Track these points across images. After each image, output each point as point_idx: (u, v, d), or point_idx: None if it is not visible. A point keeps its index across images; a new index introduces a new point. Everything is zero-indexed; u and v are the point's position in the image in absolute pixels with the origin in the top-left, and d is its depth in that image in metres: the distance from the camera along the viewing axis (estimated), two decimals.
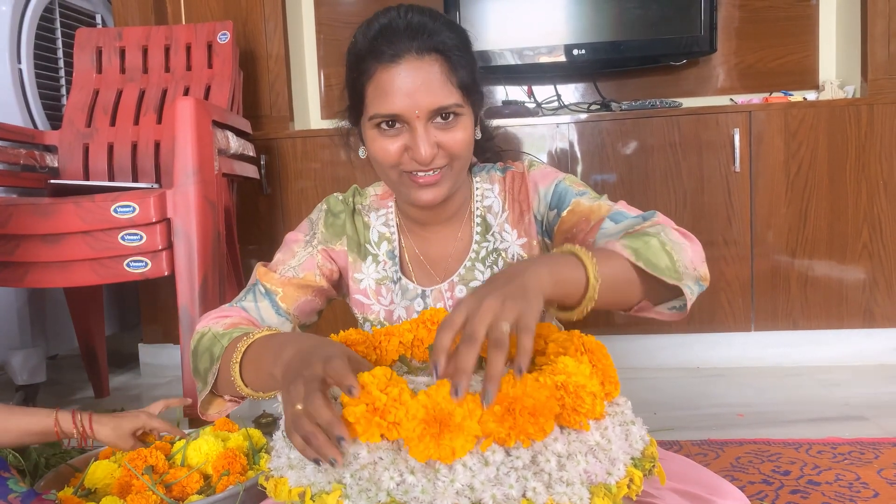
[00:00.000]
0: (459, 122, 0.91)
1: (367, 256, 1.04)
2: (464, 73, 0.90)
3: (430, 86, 0.87)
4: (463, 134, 0.91)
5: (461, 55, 0.90)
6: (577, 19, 2.41)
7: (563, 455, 0.67)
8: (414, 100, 0.88)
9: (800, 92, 2.45)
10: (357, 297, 1.04)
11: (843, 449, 1.54)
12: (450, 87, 0.89)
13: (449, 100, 0.89)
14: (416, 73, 0.88)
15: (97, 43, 2.29)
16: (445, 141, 0.90)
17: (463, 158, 0.93)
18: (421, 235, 1.03)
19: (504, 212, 1.01)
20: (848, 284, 2.23)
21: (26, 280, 1.66)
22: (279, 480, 0.73)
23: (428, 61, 0.88)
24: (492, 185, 1.03)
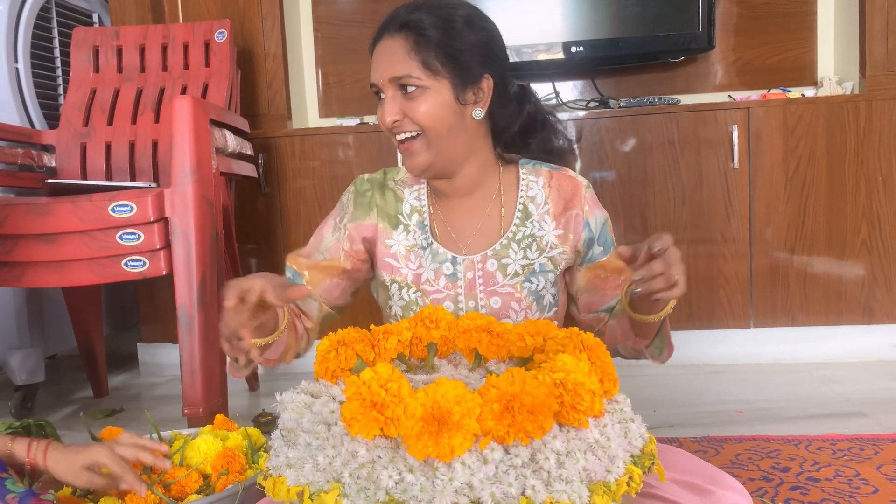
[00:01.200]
0: (423, 95, 1.00)
1: (399, 225, 1.12)
2: (434, 49, 0.99)
3: (392, 58, 1.00)
4: (426, 106, 1.00)
5: (436, 34, 1.00)
6: (576, 16, 2.40)
7: (563, 453, 0.67)
8: (379, 70, 1.02)
9: (798, 88, 2.45)
10: (387, 259, 1.11)
11: (843, 445, 1.54)
12: (410, 60, 0.99)
13: (404, 71, 0.99)
14: (384, 47, 1.02)
15: (94, 42, 2.28)
16: (408, 110, 1.01)
17: (432, 129, 1.01)
18: (447, 206, 1.12)
19: (546, 204, 1.10)
20: (847, 281, 2.23)
21: (24, 280, 1.65)
22: (278, 479, 0.72)
23: (395, 37, 1.01)
24: (537, 178, 1.12)
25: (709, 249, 2.27)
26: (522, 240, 1.09)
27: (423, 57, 0.99)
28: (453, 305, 1.07)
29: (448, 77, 1.01)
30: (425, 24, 1.00)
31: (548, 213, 1.09)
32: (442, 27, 1.00)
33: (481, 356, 0.92)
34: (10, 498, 0.85)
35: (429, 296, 1.08)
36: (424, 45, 0.99)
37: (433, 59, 0.99)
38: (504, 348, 0.91)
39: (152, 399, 2.22)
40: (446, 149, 1.04)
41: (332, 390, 0.82)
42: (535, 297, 1.08)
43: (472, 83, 1.03)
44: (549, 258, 1.08)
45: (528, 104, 1.13)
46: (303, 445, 0.72)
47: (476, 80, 1.03)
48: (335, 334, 0.89)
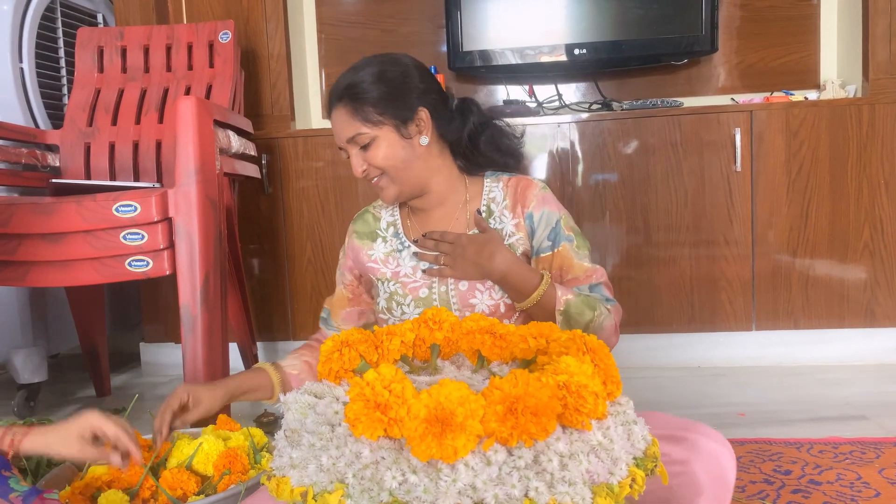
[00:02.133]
0: (375, 144, 1.20)
1: (378, 238, 1.33)
2: (368, 108, 1.19)
3: (341, 124, 1.21)
4: (381, 152, 1.20)
5: (364, 94, 1.19)
6: (579, 19, 2.41)
7: (566, 455, 0.68)
8: (337, 135, 1.23)
9: (801, 91, 2.45)
10: (370, 264, 1.31)
11: (845, 448, 1.54)
12: (354, 122, 1.19)
13: (353, 131, 1.20)
14: (335, 117, 1.22)
15: (98, 42, 2.29)
16: (369, 159, 1.21)
17: (391, 167, 1.21)
18: (422, 217, 1.31)
19: (505, 200, 1.27)
20: (849, 284, 2.23)
21: (28, 279, 1.66)
22: (281, 480, 0.73)
23: (338, 107, 1.21)
24: (498, 183, 1.30)
25: (711, 252, 2.27)
26: None
27: (361, 116, 1.19)
28: (428, 290, 1.24)
29: (388, 122, 1.19)
30: (354, 89, 1.20)
31: (506, 207, 1.26)
32: (365, 86, 1.20)
33: (484, 358, 0.93)
34: (13, 497, 0.86)
35: (407, 285, 1.26)
36: (359, 106, 1.19)
37: (370, 114, 1.19)
38: (507, 350, 0.91)
39: (154, 399, 2.22)
40: (408, 177, 1.23)
41: (335, 391, 0.83)
42: None
43: (410, 119, 1.21)
44: (509, 244, 1.24)
45: (471, 115, 1.29)
46: (306, 446, 0.73)
47: (411, 114, 1.21)
48: (338, 335, 0.89)
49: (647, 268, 2.31)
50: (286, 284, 2.44)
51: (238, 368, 2.14)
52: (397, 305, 1.25)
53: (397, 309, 1.24)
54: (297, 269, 2.43)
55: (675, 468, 0.95)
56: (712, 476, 0.95)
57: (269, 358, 2.49)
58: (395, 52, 1.30)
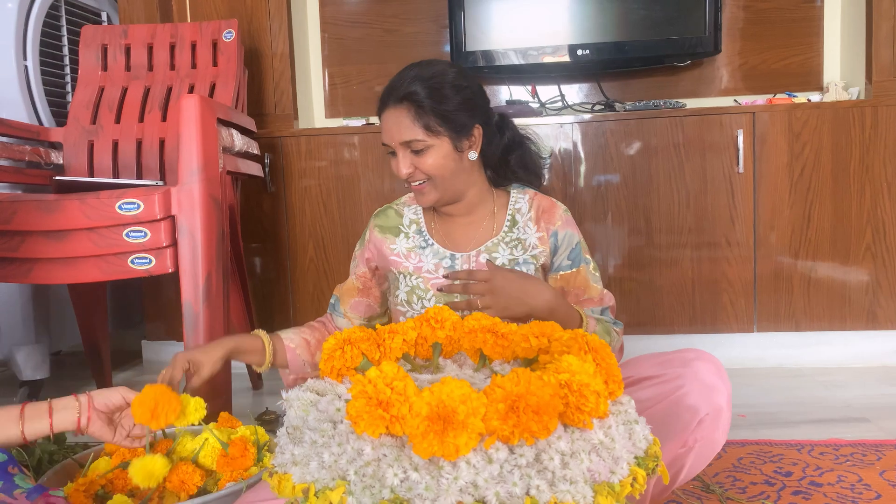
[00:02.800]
0: (428, 151, 1.22)
1: (400, 234, 1.36)
2: (432, 116, 1.21)
3: (399, 125, 1.22)
4: (431, 160, 1.22)
5: (430, 102, 1.21)
6: (582, 19, 2.41)
7: (567, 453, 0.68)
8: (390, 135, 1.24)
9: (804, 93, 2.45)
10: (392, 257, 1.34)
11: (846, 450, 1.54)
12: (414, 127, 1.21)
13: (411, 136, 1.21)
14: (392, 116, 1.23)
15: (103, 40, 2.29)
16: (418, 164, 1.23)
17: (439, 176, 1.24)
18: (448, 222, 1.35)
19: (529, 212, 1.33)
20: (851, 286, 2.23)
21: (31, 276, 1.66)
22: (283, 477, 0.73)
23: (398, 108, 1.22)
24: (524, 195, 1.35)
25: (713, 253, 2.28)
26: (510, 242, 1.30)
27: (423, 122, 1.21)
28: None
29: (446, 134, 1.22)
30: (421, 95, 1.21)
31: (531, 219, 1.32)
32: (434, 95, 1.21)
33: (486, 356, 0.93)
34: (18, 493, 0.86)
35: (429, 280, 1.29)
36: (423, 113, 1.20)
37: (432, 123, 1.21)
38: (509, 349, 0.91)
39: None
40: (450, 187, 1.27)
41: (337, 389, 0.83)
42: None
43: (466, 134, 1.25)
44: (532, 255, 1.29)
45: (507, 130, 1.34)
46: (308, 443, 0.73)
47: (468, 130, 1.25)
48: (341, 333, 0.90)
49: (649, 269, 2.31)
50: (288, 283, 2.44)
51: (240, 367, 2.15)
52: (418, 299, 1.28)
53: (417, 303, 1.28)
54: (299, 268, 2.43)
55: (671, 384, 1.04)
56: (705, 400, 1.02)
57: None
58: (461, 64, 1.33)
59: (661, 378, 1.07)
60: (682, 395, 1.03)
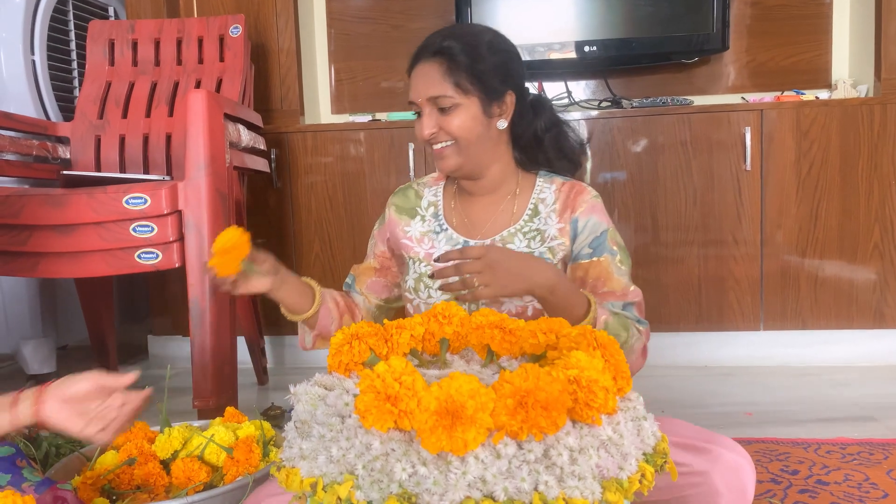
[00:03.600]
0: (456, 111, 1.16)
1: (416, 216, 1.31)
2: (465, 73, 1.15)
3: (428, 80, 1.16)
4: (458, 120, 1.16)
5: (465, 58, 1.15)
6: (589, 16, 2.40)
7: (576, 449, 0.67)
8: (418, 90, 1.18)
9: (812, 91, 2.44)
10: (404, 241, 1.29)
11: (853, 449, 1.54)
12: (444, 83, 1.15)
13: (440, 91, 1.15)
14: (423, 70, 1.18)
15: (110, 35, 2.30)
16: (443, 124, 1.17)
17: (464, 139, 1.17)
18: (468, 201, 1.28)
19: (554, 204, 1.24)
20: (858, 285, 2.22)
21: (38, 270, 1.67)
22: (291, 471, 0.73)
23: (431, 62, 1.17)
24: (551, 184, 1.27)
25: (719, 251, 2.27)
26: (528, 232, 1.23)
27: (454, 79, 1.15)
28: (457, 279, 1.17)
29: (476, 95, 1.16)
30: (455, 50, 1.15)
31: (554, 210, 1.23)
32: (469, 52, 1.16)
33: (493, 352, 0.93)
34: (26, 486, 0.86)
35: (436, 268, 1.18)
36: (455, 69, 1.15)
37: (464, 80, 1.15)
38: (516, 345, 0.91)
39: (162, 391, 2.23)
40: (474, 155, 1.20)
41: (345, 383, 0.83)
42: None
43: (497, 99, 1.19)
44: (549, 248, 1.21)
45: (543, 112, 1.27)
46: (316, 437, 0.73)
47: (500, 95, 1.19)
48: (349, 328, 0.89)
49: (655, 266, 2.30)
50: None
51: (245, 362, 2.15)
52: (425, 288, 1.23)
53: (424, 291, 1.22)
54: (305, 264, 2.43)
55: (694, 479, 0.94)
56: (732, 489, 0.95)
57: (276, 353, 2.50)
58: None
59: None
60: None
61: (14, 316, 2.08)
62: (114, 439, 0.98)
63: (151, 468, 1.12)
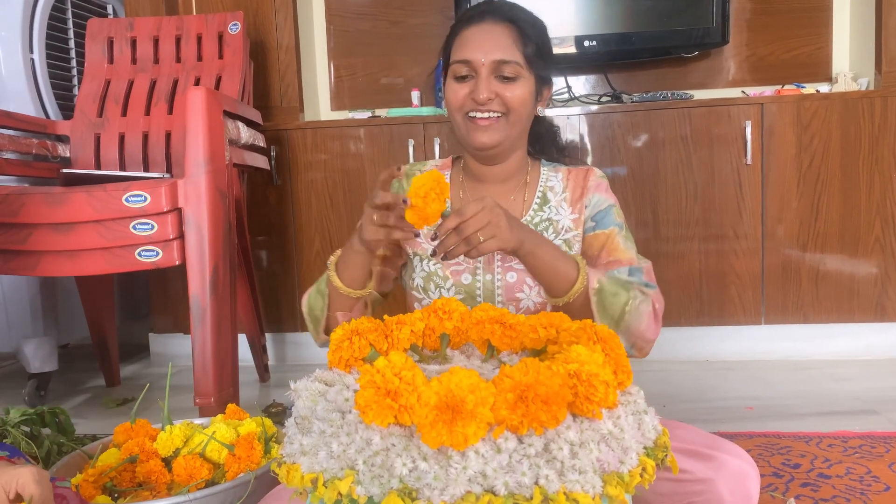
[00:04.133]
0: (518, 82, 1.11)
1: None
2: (532, 47, 1.11)
3: (498, 43, 1.10)
4: (520, 91, 1.11)
5: (533, 33, 1.12)
6: (588, 10, 2.40)
7: (576, 443, 0.67)
8: (484, 50, 1.10)
9: (812, 84, 2.44)
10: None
11: (854, 443, 1.54)
12: (514, 49, 1.10)
13: (511, 57, 1.10)
14: (491, 31, 1.11)
15: (109, 33, 2.29)
16: (504, 92, 1.11)
17: (517, 113, 1.12)
18: (478, 190, 1.22)
19: (564, 192, 1.20)
20: (859, 278, 2.22)
21: (38, 268, 1.66)
22: (292, 467, 0.73)
23: (502, 26, 1.11)
24: (556, 173, 1.23)
25: (720, 246, 2.27)
26: (539, 223, 1.19)
27: (526, 50, 1.11)
28: (471, 277, 1.16)
29: (534, 74, 1.14)
30: (528, 23, 1.13)
31: (565, 199, 1.19)
32: (539, 30, 1.15)
33: (494, 347, 0.93)
34: None
35: (449, 267, 1.17)
36: (527, 41, 1.11)
37: (531, 55, 1.12)
38: (517, 340, 0.91)
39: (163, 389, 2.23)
40: (515, 132, 1.15)
41: (345, 379, 0.83)
42: None
43: (546, 84, 1.18)
44: (564, 240, 1.17)
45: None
46: (317, 433, 0.73)
47: (548, 82, 1.19)
48: (349, 324, 0.89)
49: (656, 261, 2.29)
50: (294, 276, 2.45)
51: (247, 360, 2.15)
52: (436, 287, 1.17)
53: (435, 291, 1.17)
54: (306, 261, 2.44)
55: (698, 486, 0.94)
56: (736, 496, 0.94)
57: (277, 350, 2.50)
58: None
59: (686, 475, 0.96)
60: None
61: (15, 315, 2.09)
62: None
63: (153, 466, 1.12)
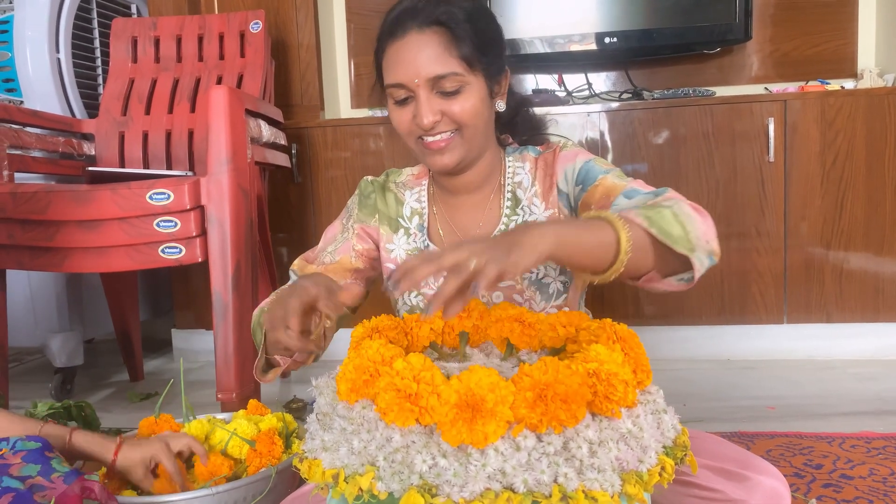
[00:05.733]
0: (464, 92, 0.96)
1: (399, 229, 1.11)
2: (469, 44, 0.95)
3: (428, 56, 0.94)
4: (468, 103, 0.96)
5: (468, 27, 0.95)
6: (609, 6, 2.38)
7: (595, 442, 0.68)
8: (415, 69, 0.95)
9: (837, 80, 2.40)
10: (388, 265, 1.11)
11: (878, 444, 1.52)
12: (449, 57, 0.94)
13: (447, 69, 0.94)
14: (417, 44, 0.95)
15: (132, 33, 2.32)
16: (449, 109, 0.96)
17: (472, 126, 0.98)
18: (452, 204, 1.09)
19: (533, 186, 1.06)
20: (884, 277, 2.19)
21: (65, 265, 1.70)
22: (313, 462, 0.74)
23: (428, 34, 0.95)
24: (523, 163, 1.08)
25: (742, 244, 2.25)
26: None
27: (462, 52, 0.94)
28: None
29: (482, 71, 0.98)
30: (457, 17, 0.95)
31: (536, 194, 1.06)
32: (472, 20, 0.96)
33: (513, 346, 0.93)
34: (55, 476, 0.88)
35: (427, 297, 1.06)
36: (461, 40, 0.94)
37: (472, 54, 0.95)
38: (536, 338, 0.91)
39: (186, 384, 2.26)
40: (475, 144, 1.01)
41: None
42: (538, 287, 1.06)
43: (499, 74, 1.01)
44: None
45: (514, 91, 1.11)
46: (338, 429, 0.74)
47: (501, 71, 1.01)
48: (369, 321, 0.90)
49: None
50: None
51: None
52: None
53: None
54: None
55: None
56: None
57: None
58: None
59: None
60: None
61: (42, 310, 2.12)
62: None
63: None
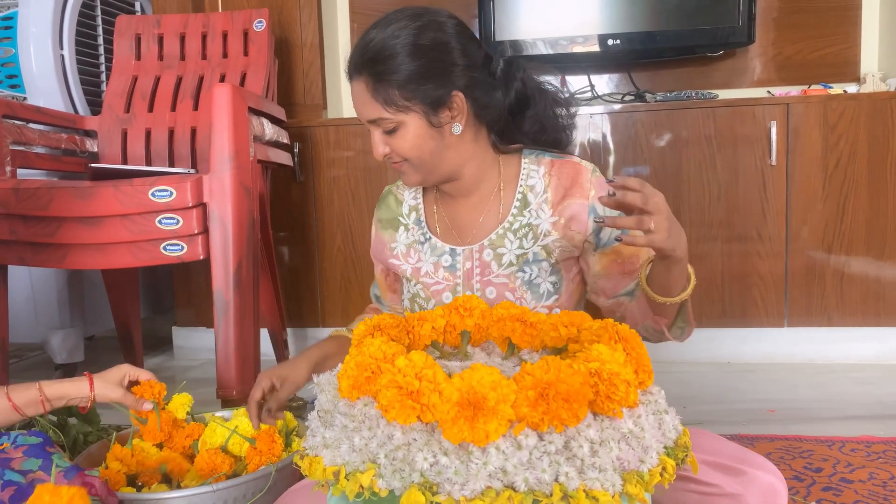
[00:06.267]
0: (399, 130, 1.04)
1: (399, 227, 1.20)
2: (395, 86, 1.01)
3: (363, 102, 1.05)
4: (404, 140, 1.04)
5: (391, 66, 1.01)
6: (612, 9, 2.38)
7: (596, 441, 0.68)
8: (358, 112, 1.08)
9: (840, 84, 2.40)
10: (391, 260, 1.20)
11: (878, 448, 1.52)
12: (374, 104, 1.03)
13: (374, 114, 1.04)
14: (356, 91, 1.06)
15: (136, 30, 2.33)
16: (392, 144, 1.06)
17: (416, 157, 1.06)
18: (451, 204, 1.17)
19: (545, 192, 1.10)
20: (885, 282, 2.19)
21: (66, 261, 1.70)
22: (314, 459, 0.74)
23: (358, 81, 1.05)
24: (538, 167, 1.12)
25: (743, 247, 2.25)
26: (519, 229, 1.10)
27: (384, 97, 1.02)
28: (452, 295, 1.12)
29: (416, 107, 1.02)
30: (374, 65, 1.01)
31: (546, 201, 1.09)
32: (393, 63, 1.01)
33: (514, 345, 0.93)
34: (56, 471, 0.88)
35: (429, 287, 1.14)
36: (382, 87, 1.01)
37: (395, 97, 1.01)
38: (537, 338, 0.91)
39: (186, 381, 2.26)
40: (435, 167, 1.08)
41: None
42: (529, 286, 1.10)
43: (443, 104, 1.03)
44: (543, 246, 1.08)
45: (514, 82, 1.10)
46: (339, 427, 0.74)
47: (446, 99, 1.03)
48: (370, 320, 0.90)
49: None
50: (316, 272, 2.47)
51: (268, 354, 2.18)
52: (419, 308, 1.15)
53: (418, 311, 1.09)
54: (328, 257, 2.45)
55: (726, 501, 0.92)
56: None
57: (298, 345, 2.52)
58: (432, 7, 1.08)
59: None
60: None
61: (43, 306, 2.13)
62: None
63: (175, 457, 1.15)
